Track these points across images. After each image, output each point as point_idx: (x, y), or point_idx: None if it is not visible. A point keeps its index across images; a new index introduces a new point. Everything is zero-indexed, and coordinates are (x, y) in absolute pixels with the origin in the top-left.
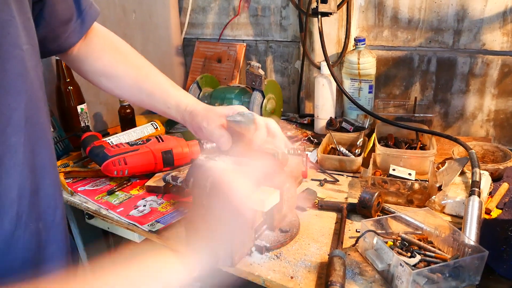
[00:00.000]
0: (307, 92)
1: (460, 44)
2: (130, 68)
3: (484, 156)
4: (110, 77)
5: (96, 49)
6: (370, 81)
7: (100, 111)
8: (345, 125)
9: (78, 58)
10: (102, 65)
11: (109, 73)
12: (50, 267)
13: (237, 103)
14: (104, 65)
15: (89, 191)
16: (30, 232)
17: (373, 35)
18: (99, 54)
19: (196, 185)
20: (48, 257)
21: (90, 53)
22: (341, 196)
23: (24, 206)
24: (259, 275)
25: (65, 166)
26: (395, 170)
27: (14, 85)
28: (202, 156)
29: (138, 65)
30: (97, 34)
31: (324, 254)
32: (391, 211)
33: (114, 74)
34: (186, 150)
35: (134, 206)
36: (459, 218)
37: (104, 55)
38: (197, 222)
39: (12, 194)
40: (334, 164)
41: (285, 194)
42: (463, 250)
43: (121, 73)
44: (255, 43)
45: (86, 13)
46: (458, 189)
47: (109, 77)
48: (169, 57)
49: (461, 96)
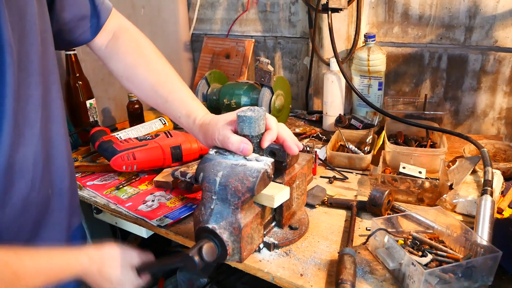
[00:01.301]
0: (315, 88)
1: (472, 41)
2: (150, 72)
3: (496, 154)
4: (131, 79)
5: (121, 49)
6: (379, 78)
7: (109, 106)
8: (354, 122)
9: (105, 56)
10: (124, 65)
11: (130, 75)
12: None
13: (246, 99)
14: (126, 66)
15: (97, 185)
16: (43, 196)
17: (383, 32)
18: (123, 55)
19: (206, 180)
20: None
21: (115, 52)
22: (350, 193)
23: (38, 172)
24: (269, 271)
25: (74, 160)
26: (405, 168)
27: (33, 67)
28: (212, 150)
29: (158, 69)
30: (125, 34)
31: (334, 252)
32: (402, 209)
33: (134, 76)
34: (194, 145)
35: (142, 201)
36: (470, 217)
37: (127, 56)
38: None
39: (28, 161)
40: (343, 161)
41: (295, 191)
42: (475, 250)
43: (141, 76)
44: (264, 39)
45: (100, 9)
46: (469, 188)
47: (129, 78)
48: (178, 53)
49: (472, 93)
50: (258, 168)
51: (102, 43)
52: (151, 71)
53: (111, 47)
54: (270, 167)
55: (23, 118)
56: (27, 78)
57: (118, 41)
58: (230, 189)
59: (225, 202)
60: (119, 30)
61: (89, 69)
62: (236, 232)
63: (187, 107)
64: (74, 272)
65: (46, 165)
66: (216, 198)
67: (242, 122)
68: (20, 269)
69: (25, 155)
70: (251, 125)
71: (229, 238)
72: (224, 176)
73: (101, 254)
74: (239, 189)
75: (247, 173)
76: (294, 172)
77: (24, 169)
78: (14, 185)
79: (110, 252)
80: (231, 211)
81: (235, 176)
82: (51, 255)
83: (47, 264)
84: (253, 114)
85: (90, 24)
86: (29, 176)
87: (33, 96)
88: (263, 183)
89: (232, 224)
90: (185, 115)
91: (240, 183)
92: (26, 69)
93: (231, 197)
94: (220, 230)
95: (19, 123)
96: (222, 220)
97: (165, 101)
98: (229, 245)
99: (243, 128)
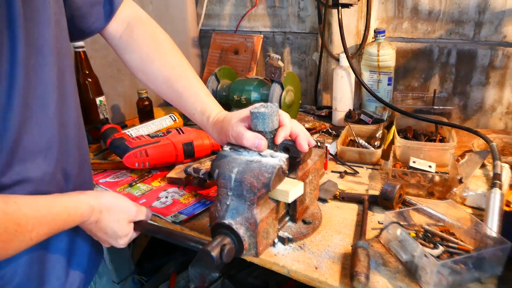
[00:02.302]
0: (324, 84)
1: (481, 36)
2: (165, 65)
3: (504, 148)
4: (145, 71)
5: (137, 40)
6: (389, 73)
7: (118, 103)
8: (364, 117)
9: (120, 46)
10: (139, 57)
11: (144, 67)
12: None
13: (256, 95)
14: (141, 58)
15: (110, 183)
16: (56, 182)
17: (393, 27)
18: (139, 46)
19: (222, 176)
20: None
21: (130, 42)
22: (361, 188)
23: (51, 155)
24: (284, 265)
25: None
26: (415, 162)
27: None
28: (227, 147)
29: (174, 63)
30: (140, 24)
31: (347, 245)
32: (413, 203)
33: (149, 69)
34: (206, 142)
35: (156, 198)
36: (480, 210)
37: (143, 48)
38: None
39: (41, 143)
40: (354, 156)
41: (308, 186)
42: (485, 242)
43: (156, 69)
44: (272, 35)
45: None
46: (479, 182)
47: (144, 71)
48: (186, 49)
49: (480, 88)
50: (273, 164)
51: (116, 32)
52: (166, 64)
53: (127, 37)
54: (284, 163)
55: (36, 99)
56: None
57: (133, 32)
58: (245, 185)
59: (241, 198)
60: (135, 20)
61: (98, 65)
62: (252, 228)
63: (202, 104)
64: (74, 222)
65: (60, 149)
66: (231, 194)
67: (256, 118)
68: (22, 220)
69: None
70: (264, 121)
71: (245, 234)
72: (240, 172)
73: (100, 204)
74: (254, 185)
75: (263, 169)
76: (307, 167)
77: (35, 151)
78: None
79: (109, 203)
80: (247, 207)
81: (250, 172)
82: (51, 204)
83: (49, 214)
84: (266, 110)
85: (103, 10)
86: (40, 159)
87: (47, 77)
88: (278, 179)
89: (248, 219)
90: (199, 111)
91: (255, 179)
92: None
93: (246, 193)
94: (237, 226)
95: (30, 103)
96: (238, 215)
97: (179, 96)
98: (246, 240)
99: (256, 125)
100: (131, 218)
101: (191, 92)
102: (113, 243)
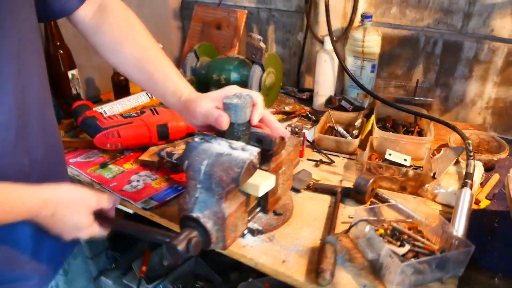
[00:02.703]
0: (307, 65)
1: (469, 28)
2: (136, 47)
3: (479, 145)
4: (115, 52)
5: (109, 21)
6: (373, 60)
7: (93, 76)
8: (344, 104)
9: (90, 27)
10: (110, 37)
11: (115, 48)
12: None
13: (236, 76)
14: (112, 38)
15: (81, 163)
16: (18, 163)
17: (381, 11)
18: (111, 26)
19: (191, 168)
20: None
21: (101, 24)
22: (336, 178)
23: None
24: (252, 258)
25: None
26: (391, 155)
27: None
28: (198, 137)
29: (145, 46)
30: (113, 5)
31: (316, 239)
32: (385, 197)
33: (120, 50)
34: (181, 124)
35: (127, 181)
36: (450, 208)
37: (115, 29)
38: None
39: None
40: (331, 144)
41: (281, 177)
42: (450, 242)
43: (127, 51)
44: (257, 11)
45: None
46: (451, 180)
47: (114, 52)
48: (166, 20)
49: (463, 81)
50: (243, 159)
51: (86, 15)
52: (138, 46)
53: (98, 18)
54: (256, 157)
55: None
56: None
57: (105, 12)
58: (214, 179)
59: (210, 191)
60: (105, 2)
61: (71, 36)
62: (220, 222)
63: (174, 85)
64: (27, 215)
65: (22, 130)
66: (200, 187)
67: (228, 109)
68: None
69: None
70: (237, 113)
71: (213, 227)
72: (209, 165)
73: (55, 196)
74: (223, 179)
75: (233, 163)
76: (281, 158)
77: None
78: None
79: (65, 194)
80: (216, 201)
81: (220, 166)
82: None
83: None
84: (239, 102)
85: None
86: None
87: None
88: (248, 174)
89: (216, 213)
90: (171, 92)
91: (225, 173)
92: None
93: (215, 186)
94: (204, 219)
95: None
96: (206, 209)
97: (150, 78)
98: (213, 234)
99: (229, 115)
100: (91, 208)
101: (163, 73)
102: (75, 236)
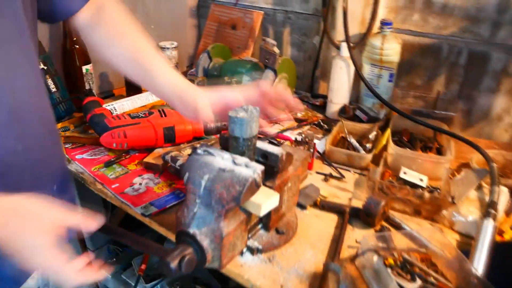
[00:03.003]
0: (322, 71)
1: (498, 38)
2: (133, 44)
3: (505, 167)
4: (112, 47)
5: (106, 18)
6: (392, 69)
7: (106, 71)
8: (359, 114)
9: (89, 26)
10: (107, 33)
11: (111, 43)
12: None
13: (248, 79)
14: (109, 34)
15: (86, 160)
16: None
17: (401, 18)
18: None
19: (191, 182)
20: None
21: (97, 22)
22: (345, 195)
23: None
24: (248, 279)
25: (66, 129)
26: (406, 173)
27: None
28: (201, 149)
29: (141, 44)
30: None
31: (319, 262)
32: (397, 221)
33: (116, 44)
34: (188, 127)
35: (129, 184)
36: (469, 238)
37: (113, 25)
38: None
39: None
40: (342, 158)
41: (286, 194)
42: (468, 280)
43: (123, 47)
44: (273, 12)
45: None
46: (471, 207)
47: (111, 46)
48: (183, 18)
49: (489, 95)
50: (246, 176)
51: (86, 14)
52: (134, 43)
53: (96, 16)
54: (259, 175)
55: None
56: None
57: (103, 11)
58: (215, 195)
59: (209, 208)
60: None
61: None
62: (217, 240)
63: (171, 79)
64: None
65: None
66: (199, 202)
67: (234, 123)
68: None
69: None
70: (242, 127)
71: (209, 246)
72: (210, 180)
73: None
74: (224, 197)
75: (234, 180)
76: (287, 175)
77: None
78: None
79: (21, 208)
80: (214, 218)
81: (221, 182)
82: None
83: None
84: (245, 116)
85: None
86: None
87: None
88: (250, 193)
89: (214, 231)
90: (167, 83)
91: (225, 191)
92: None
93: (215, 203)
94: (201, 237)
95: None
96: (204, 225)
97: (147, 72)
98: (209, 252)
99: (234, 130)
100: (50, 225)
101: (160, 67)
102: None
